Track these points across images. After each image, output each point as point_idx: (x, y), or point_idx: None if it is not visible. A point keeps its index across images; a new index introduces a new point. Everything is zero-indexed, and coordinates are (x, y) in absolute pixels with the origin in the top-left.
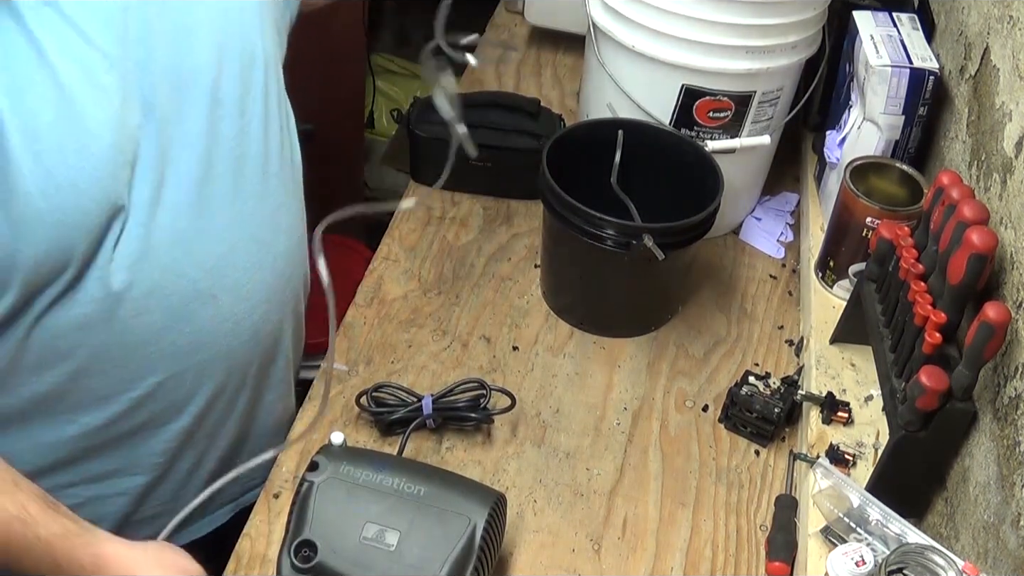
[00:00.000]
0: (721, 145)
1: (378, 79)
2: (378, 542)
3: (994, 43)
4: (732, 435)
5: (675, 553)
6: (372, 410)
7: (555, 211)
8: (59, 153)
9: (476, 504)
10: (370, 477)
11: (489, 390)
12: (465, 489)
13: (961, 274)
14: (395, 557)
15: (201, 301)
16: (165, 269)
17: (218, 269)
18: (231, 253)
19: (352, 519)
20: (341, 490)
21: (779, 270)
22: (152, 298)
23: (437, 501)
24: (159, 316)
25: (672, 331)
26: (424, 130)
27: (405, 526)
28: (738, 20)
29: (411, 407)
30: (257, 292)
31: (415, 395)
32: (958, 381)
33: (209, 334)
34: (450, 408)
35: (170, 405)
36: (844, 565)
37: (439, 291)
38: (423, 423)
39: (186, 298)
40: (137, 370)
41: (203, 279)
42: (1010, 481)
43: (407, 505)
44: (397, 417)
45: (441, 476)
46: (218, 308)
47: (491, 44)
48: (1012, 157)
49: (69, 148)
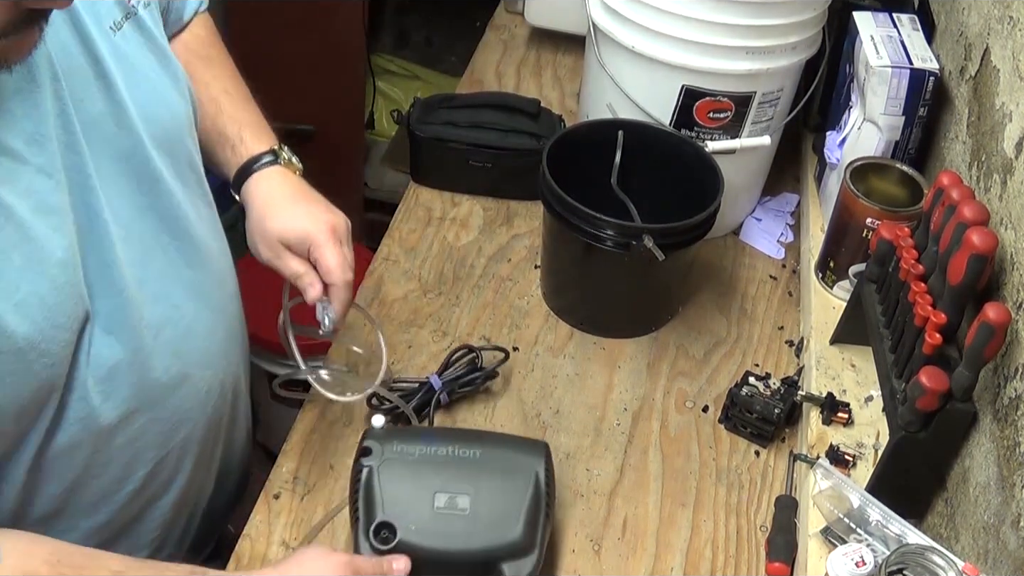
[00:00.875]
0: (721, 146)
1: (378, 79)
2: (452, 509)
3: (994, 44)
4: (732, 436)
5: (675, 553)
6: (386, 407)
7: (555, 212)
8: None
9: (531, 455)
10: (424, 450)
11: (479, 351)
12: (515, 444)
13: (961, 275)
14: (471, 519)
15: (175, 385)
16: (138, 365)
17: (184, 350)
18: (192, 330)
19: (421, 492)
20: (401, 468)
21: (779, 271)
22: (132, 399)
23: (495, 459)
24: (140, 412)
25: (672, 332)
26: (424, 130)
27: (473, 489)
28: (738, 21)
29: (423, 390)
30: (218, 355)
31: (418, 380)
32: (958, 382)
33: (187, 411)
34: (455, 378)
35: (160, 486)
36: (844, 566)
37: (439, 292)
38: (438, 400)
39: (162, 387)
40: (128, 467)
41: (174, 364)
42: (1010, 482)
43: (468, 469)
44: (416, 402)
45: (488, 436)
46: (191, 384)
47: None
48: (1012, 158)
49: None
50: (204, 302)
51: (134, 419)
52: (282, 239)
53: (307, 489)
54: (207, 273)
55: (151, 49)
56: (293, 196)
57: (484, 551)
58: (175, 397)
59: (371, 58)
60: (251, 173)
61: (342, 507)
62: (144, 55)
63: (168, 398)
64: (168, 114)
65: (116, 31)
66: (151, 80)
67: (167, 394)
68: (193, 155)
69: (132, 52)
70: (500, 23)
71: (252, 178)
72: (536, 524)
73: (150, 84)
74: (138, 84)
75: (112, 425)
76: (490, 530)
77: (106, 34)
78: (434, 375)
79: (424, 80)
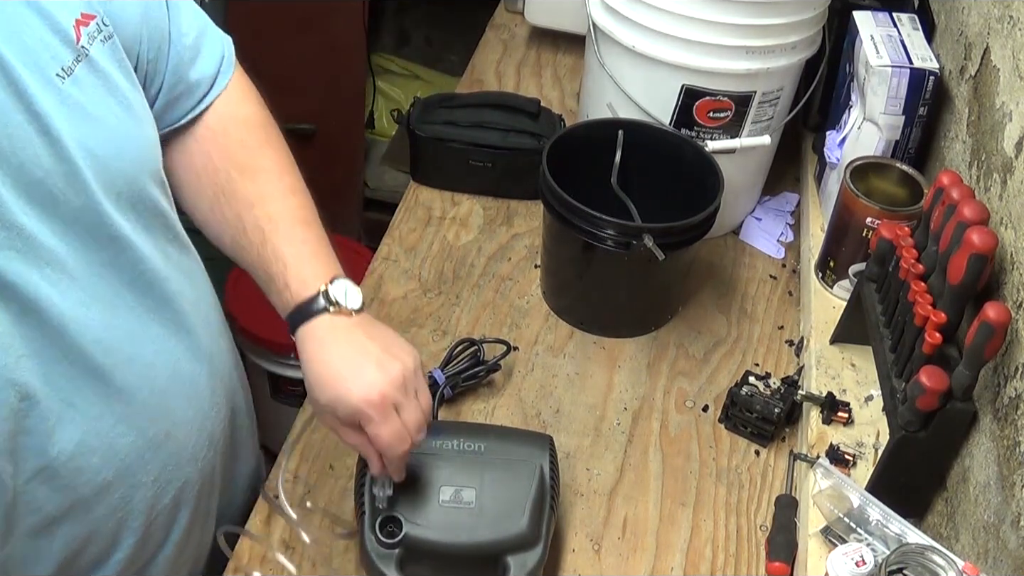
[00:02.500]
0: (721, 145)
1: (378, 79)
2: (457, 502)
3: (994, 43)
4: (732, 435)
5: (675, 553)
6: None
7: (555, 211)
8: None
9: (536, 448)
10: (430, 444)
11: (480, 344)
12: (519, 437)
13: (961, 274)
14: (477, 512)
15: (156, 447)
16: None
17: (163, 410)
18: (169, 389)
19: (426, 486)
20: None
21: (779, 270)
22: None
23: (499, 453)
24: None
25: (672, 331)
26: (424, 130)
27: (478, 482)
28: (738, 20)
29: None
30: (203, 406)
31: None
32: (958, 381)
33: (173, 470)
34: (458, 372)
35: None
36: (844, 565)
37: (439, 291)
38: (442, 395)
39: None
40: (115, 536)
41: (152, 427)
42: (1010, 481)
43: (473, 462)
44: None
45: (492, 430)
46: (174, 442)
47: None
48: (1012, 157)
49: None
50: (181, 355)
51: (112, 489)
52: (333, 411)
53: (307, 489)
54: (181, 325)
55: (108, 91)
56: (342, 355)
57: (489, 544)
58: (157, 459)
59: (371, 58)
60: (299, 323)
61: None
62: (100, 99)
63: (150, 461)
64: (129, 162)
65: (65, 77)
66: (109, 127)
67: (148, 457)
68: (159, 201)
69: (86, 99)
70: (500, 22)
71: (301, 330)
72: (541, 517)
73: (107, 131)
74: (93, 133)
75: (88, 498)
76: (495, 523)
77: (50, 84)
78: (437, 369)
79: (424, 80)
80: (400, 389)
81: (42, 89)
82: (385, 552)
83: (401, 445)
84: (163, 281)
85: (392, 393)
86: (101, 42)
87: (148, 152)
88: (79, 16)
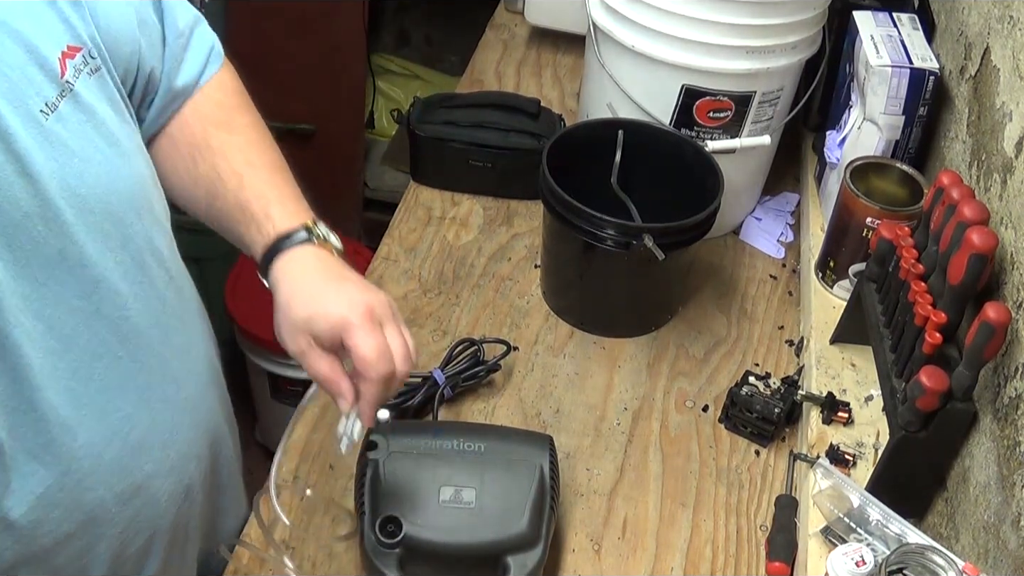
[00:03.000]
0: (721, 145)
1: (378, 79)
2: (457, 502)
3: (994, 43)
4: (732, 435)
5: (675, 553)
6: (391, 403)
7: (555, 211)
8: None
9: (535, 448)
10: (430, 444)
11: (480, 344)
12: (519, 437)
13: (961, 274)
14: (477, 512)
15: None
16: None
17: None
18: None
19: (426, 486)
20: (407, 462)
21: (779, 270)
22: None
23: (499, 453)
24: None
25: (672, 331)
26: (424, 130)
27: (478, 482)
28: (738, 20)
29: (427, 385)
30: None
31: (421, 375)
32: (958, 381)
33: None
34: (458, 372)
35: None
36: (844, 565)
37: (439, 291)
38: (442, 395)
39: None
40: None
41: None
42: (1010, 481)
43: (473, 462)
44: (419, 399)
45: (492, 431)
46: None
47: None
48: (1012, 157)
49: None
50: (164, 405)
51: (75, 539)
52: (310, 328)
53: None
54: (166, 373)
55: (94, 127)
56: (325, 277)
57: (489, 544)
58: (126, 512)
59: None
60: (279, 253)
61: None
62: (85, 135)
63: (117, 515)
64: (116, 201)
65: (49, 114)
66: (94, 163)
67: (115, 511)
68: (153, 239)
69: (69, 135)
70: (500, 22)
71: (280, 258)
72: (541, 517)
73: (92, 169)
74: (78, 173)
75: (49, 548)
76: (495, 523)
77: (34, 121)
78: (437, 369)
79: (424, 80)
80: (386, 310)
81: (23, 127)
82: (385, 552)
83: (383, 363)
84: (150, 327)
85: (379, 309)
86: (88, 75)
87: (138, 190)
88: (65, 48)
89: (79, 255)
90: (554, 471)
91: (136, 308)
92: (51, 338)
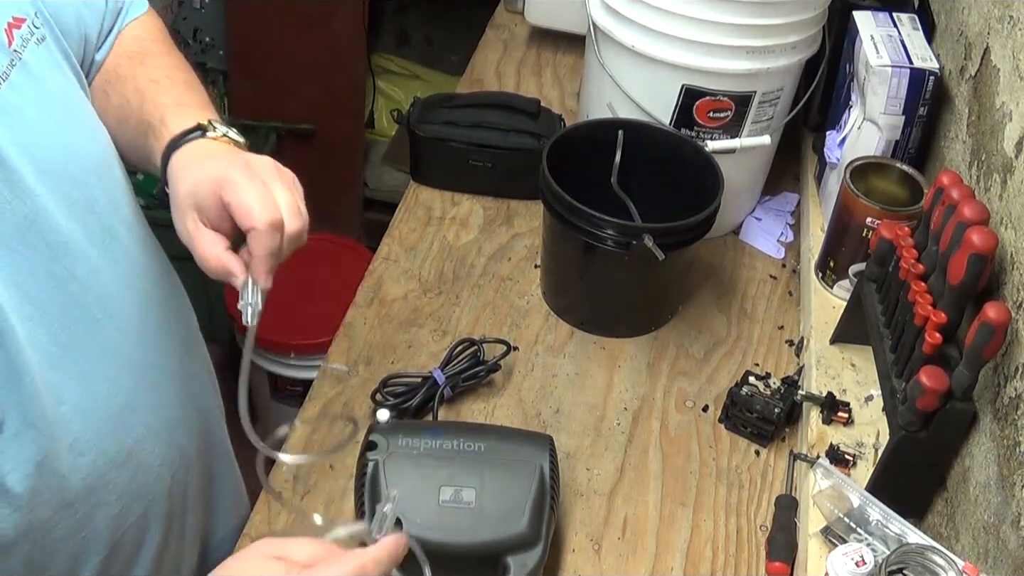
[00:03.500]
0: (721, 145)
1: (378, 79)
2: (457, 502)
3: (994, 43)
4: (732, 435)
5: (675, 553)
6: (391, 403)
7: (555, 211)
8: None
9: (536, 449)
10: (430, 444)
11: (480, 344)
12: (520, 437)
13: (961, 274)
14: (477, 513)
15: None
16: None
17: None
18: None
19: (426, 486)
20: (407, 462)
21: (779, 270)
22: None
23: (499, 453)
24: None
25: (672, 331)
26: (424, 130)
27: (478, 482)
28: (738, 20)
29: (427, 385)
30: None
31: (421, 375)
32: (958, 381)
33: (138, 489)
34: (458, 372)
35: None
36: (844, 565)
37: (439, 291)
38: (442, 395)
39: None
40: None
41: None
42: (1010, 481)
43: (473, 463)
44: (419, 399)
45: (492, 431)
46: (138, 460)
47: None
48: (1012, 157)
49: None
50: (146, 369)
51: (73, 509)
52: (194, 200)
53: (307, 489)
54: (146, 336)
55: (46, 93)
56: (213, 156)
57: (490, 544)
58: (120, 478)
59: (371, 58)
60: (173, 152)
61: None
62: (38, 103)
63: (111, 482)
64: (75, 164)
65: (1, 83)
66: (50, 129)
67: (109, 477)
68: (118, 201)
69: (24, 103)
70: (500, 22)
71: (173, 157)
72: (541, 517)
73: (49, 135)
74: (35, 140)
75: (47, 519)
76: (495, 523)
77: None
78: (437, 369)
79: (424, 80)
80: (269, 168)
81: None
82: None
83: (267, 210)
84: (124, 291)
85: (260, 168)
86: (35, 44)
87: (97, 154)
88: (10, 19)
89: (47, 220)
90: (554, 471)
91: (108, 273)
92: (28, 304)
